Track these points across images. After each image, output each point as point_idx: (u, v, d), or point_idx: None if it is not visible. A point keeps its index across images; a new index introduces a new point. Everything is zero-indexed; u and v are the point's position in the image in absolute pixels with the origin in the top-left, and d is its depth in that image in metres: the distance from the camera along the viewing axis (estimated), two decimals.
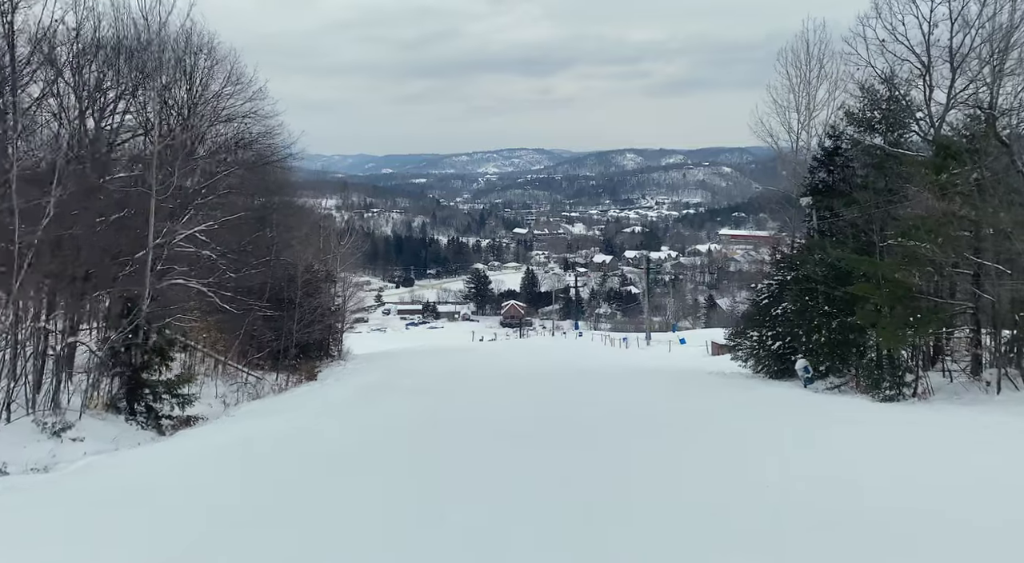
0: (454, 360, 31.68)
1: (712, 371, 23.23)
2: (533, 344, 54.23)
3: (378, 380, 22.43)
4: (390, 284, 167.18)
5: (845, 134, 18.79)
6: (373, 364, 31.75)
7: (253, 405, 17.93)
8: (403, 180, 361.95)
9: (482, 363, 29.86)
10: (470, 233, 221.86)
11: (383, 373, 25.59)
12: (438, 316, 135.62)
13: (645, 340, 45.48)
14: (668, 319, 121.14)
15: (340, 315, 37.42)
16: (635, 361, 30.60)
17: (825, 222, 18.99)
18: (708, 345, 34.55)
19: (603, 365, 27.26)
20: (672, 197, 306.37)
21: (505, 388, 18.33)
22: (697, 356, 33.55)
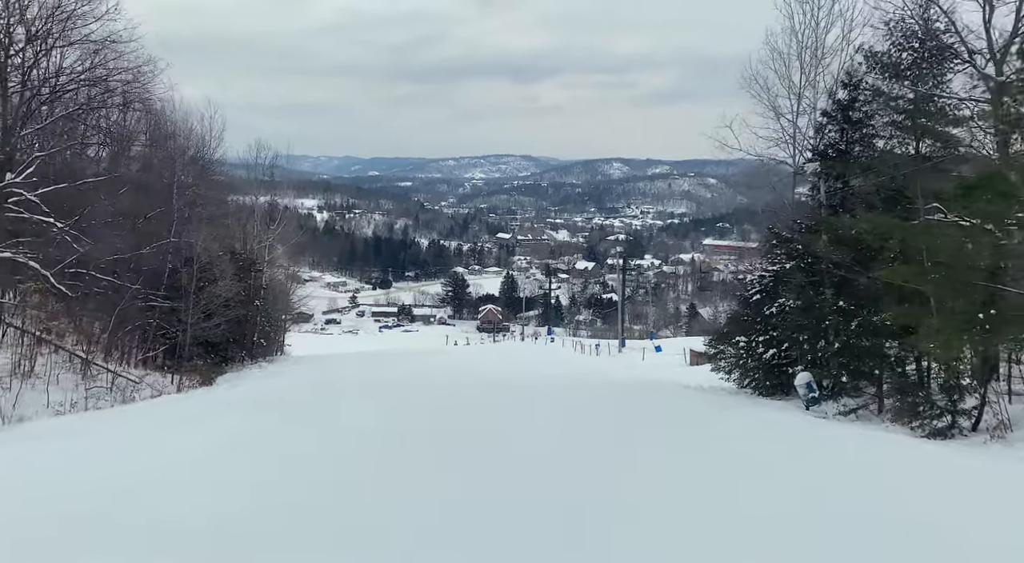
0: (400, 367, 26.90)
1: (689, 385, 18.68)
2: (501, 349, 49.46)
3: (270, 392, 17.68)
4: (367, 285, 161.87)
5: (864, 83, 14.32)
6: (299, 369, 26.92)
7: (62, 421, 13.11)
8: (389, 183, 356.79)
9: (427, 370, 25.21)
10: (453, 237, 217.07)
11: (290, 383, 20.87)
12: (413, 319, 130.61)
13: (618, 347, 41.06)
14: (648, 327, 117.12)
15: (264, 309, 32.47)
16: (601, 370, 26.00)
17: (836, 193, 14.53)
18: (686, 354, 30.06)
19: (561, 374, 22.64)
20: (657, 207, 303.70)
21: (423, 404, 13.74)
22: (673, 366, 29.07)
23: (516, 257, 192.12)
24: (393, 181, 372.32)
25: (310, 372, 24.14)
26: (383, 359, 32.03)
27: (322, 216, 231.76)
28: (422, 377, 20.33)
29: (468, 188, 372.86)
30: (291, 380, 20.90)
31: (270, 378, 22.31)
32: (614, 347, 42.15)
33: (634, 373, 25.55)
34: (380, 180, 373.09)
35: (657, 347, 34.06)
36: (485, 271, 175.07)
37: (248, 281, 28.73)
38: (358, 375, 22.42)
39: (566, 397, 14.96)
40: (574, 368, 25.92)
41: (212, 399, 16.08)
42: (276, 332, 42.97)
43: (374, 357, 33.77)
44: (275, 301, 43.40)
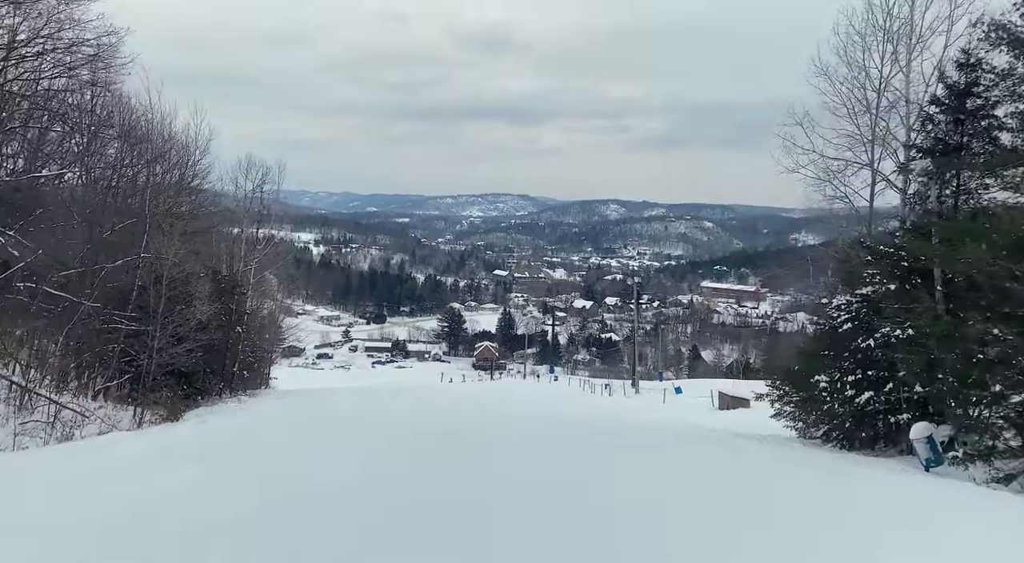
0: (395, 404, 23.64)
1: (739, 433, 15.57)
2: (503, 387, 46.02)
3: (237, 432, 14.47)
4: (361, 320, 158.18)
5: (985, 64, 11.59)
6: (281, 405, 23.59)
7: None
8: (386, 219, 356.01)
9: (426, 409, 22.00)
10: (449, 273, 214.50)
11: (265, 421, 17.67)
12: (407, 355, 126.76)
13: (632, 387, 37.76)
14: (650, 368, 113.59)
15: (248, 338, 29.27)
16: (622, 412, 22.77)
17: (946, 199, 11.66)
18: (713, 396, 26.86)
19: (581, 418, 19.43)
20: (654, 248, 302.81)
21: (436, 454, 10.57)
22: (698, 409, 25.87)
23: (513, 294, 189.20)
24: (391, 217, 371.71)
25: (292, 409, 20.87)
26: (376, 395, 28.73)
27: (318, 250, 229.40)
28: (422, 417, 17.13)
29: (465, 225, 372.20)
30: (268, 417, 17.69)
31: (246, 414, 19.03)
32: (626, 387, 38.93)
33: (661, 417, 22.36)
34: (378, 216, 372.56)
35: (677, 388, 30.95)
36: (482, 307, 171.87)
37: (229, 304, 25.59)
38: (346, 412, 19.21)
39: (599, 448, 11.81)
40: (591, 410, 22.76)
41: (167, 439, 12.86)
42: (261, 364, 39.68)
43: (365, 393, 30.43)
44: (261, 331, 40.24)
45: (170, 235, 19.89)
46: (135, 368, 20.55)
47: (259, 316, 38.67)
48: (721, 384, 31.06)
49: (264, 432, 14.13)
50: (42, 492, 7.45)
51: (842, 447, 13.12)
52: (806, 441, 14.64)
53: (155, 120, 22.33)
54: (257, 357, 35.29)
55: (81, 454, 11.44)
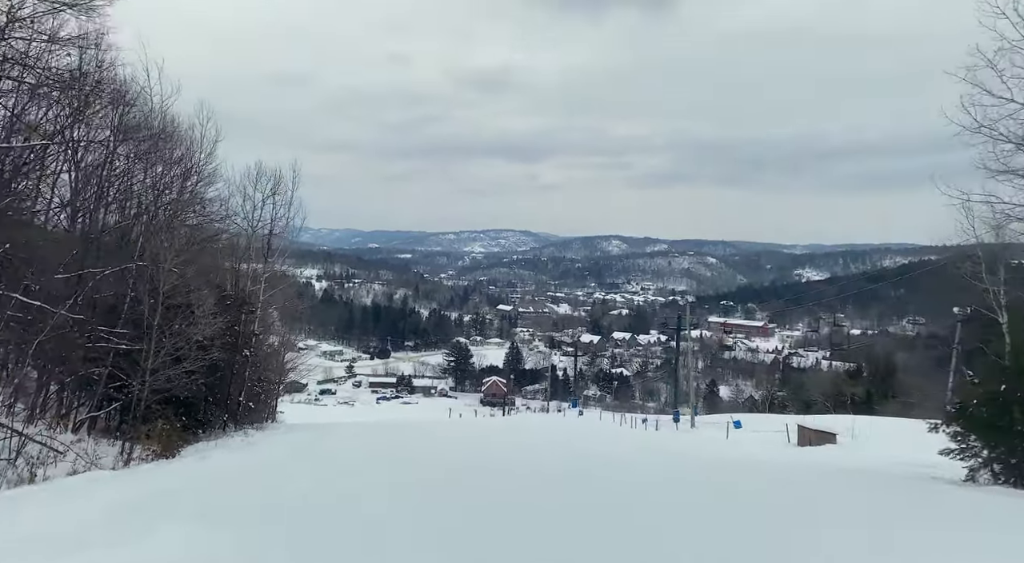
0: (415, 441, 20.20)
1: (907, 475, 12.19)
2: (528, 423, 42.07)
3: (247, 475, 11.10)
4: (364, 355, 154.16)
5: None
6: (292, 439, 20.17)
7: None
8: (389, 254, 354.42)
9: (454, 447, 18.60)
10: (453, 308, 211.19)
11: (278, 458, 14.30)
12: (413, 390, 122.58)
13: (675, 421, 34.12)
14: (664, 404, 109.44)
15: (256, 364, 25.96)
16: (699, 449, 19.35)
17: None
18: (788, 431, 23.43)
19: (657, 457, 16.03)
20: (657, 283, 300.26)
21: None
22: (775, 445, 22.45)
23: (518, 328, 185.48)
24: (393, 253, 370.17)
25: (307, 446, 17.46)
26: (388, 431, 25.24)
27: (321, 285, 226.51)
28: (472, 459, 13.74)
29: (468, 261, 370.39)
30: (282, 455, 14.33)
31: (254, 451, 15.63)
32: (665, 422, 35.36)
33: (742, 454, 18.92)
34: (380, 252, 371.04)
35: (736, 422, 27.47)
36: (487, 342, 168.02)
37: (236, 324, 22.30)
38: (365, 450, 15.83)
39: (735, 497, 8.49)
40: (655, 447, 19.34)
41: (159, 481, 9.55)
42: (268, 396, 36.24)
43: (378, 429, 26.91)
44: (267, 360, 36.90)
45: (170, 239, 16.74)
46: (125, 394, 17.24)
47: (265, 344, 35.36)
48: (798, 419, 27.63)
49: (280, 473, 10.78)
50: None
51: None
52: (988, 482, 11.29)
53: (155, 102, 19.32)
54: (264, 388, 31.85)
55: (33, 503, 8.12)
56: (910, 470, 12.49)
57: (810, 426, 22.16)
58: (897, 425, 24.90)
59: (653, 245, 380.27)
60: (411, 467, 11.58)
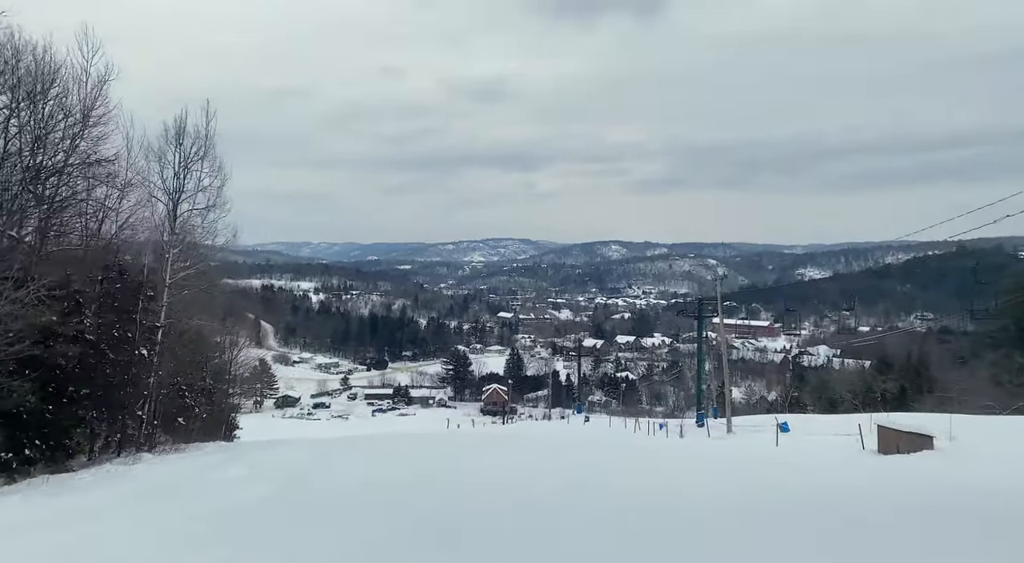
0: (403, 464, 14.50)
1: None
2: (528, 433, 36.06)
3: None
4: (360, 366, 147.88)
5: None
6: (178, 470, 14.50)
7: None
8: (388, 266, 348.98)
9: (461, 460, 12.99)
10: (452, 316, 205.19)
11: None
12: (410, 401, 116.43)
13: (700, 424, 28.33)
14: (671, 409, 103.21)
15: (179, 370, 20.21)
16: (768, 466, 13.62)
17: None
18: (863, 434, 17.68)
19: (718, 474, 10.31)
20: (659, 287, 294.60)
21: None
22: (846, 452, 16.72)
23: (519, 335, 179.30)
24: (392, 265, 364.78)
25: (188, 478, 11.76)
26: (369, 446, 19.52)
27: (318, 297, 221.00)
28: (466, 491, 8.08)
29: (467, 270, 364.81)
30: (98, 503, 8.68)
31: (101, 492, 9.98)
32: (688, 426, 29.57)
33: (814, 466, 13.22)
34: (379, 264, 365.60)
35: (784, 425, 21.80)
36: (487, 350, 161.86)
37: (130, 311, 16.60)
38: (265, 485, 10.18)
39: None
40: (701, 463, 13.70)
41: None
42: (217, 411, 30.39)
43: (356, 444, 21.20)
44: (214, 372, 31.12)
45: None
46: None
47: (208, 351, 29.62)
48: (869, 419, 21.86)
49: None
50: None
51: None
52: None
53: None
54: (203, 400, 26.08)
55: None
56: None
57: (896, 427, 16.35)
58: (998, 425, 19.14)
59: (653, 249, 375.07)
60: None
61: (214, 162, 20.53)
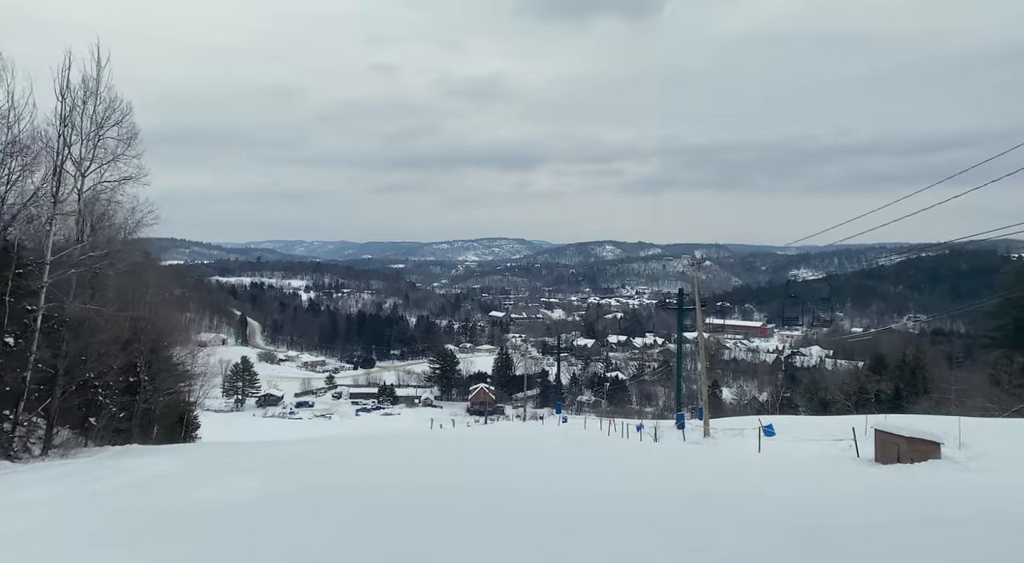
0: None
1: None
2: (500, 434, 33.56)
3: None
4: (347, 365, 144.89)
5: None
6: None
7: None
8: (381, 265, 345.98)
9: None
10: (444, 315, 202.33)
11: None
12: (396, 401, 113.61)
13: (680, 426, 25.67)
14: (661, 409, 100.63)
15: (59, 353, 17.44)
16: (738, 478, 10.96)
17: None
18: (856, 437, 15.07)
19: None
20: (652, 287, 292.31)
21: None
22: (841, 461, 14.10)
23: (510, 335, 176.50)
24: (386, 263, 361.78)
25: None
26: (327, 449, 16.85)
27: (308, 296, 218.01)
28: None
29: (461, 270, 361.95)
30: None
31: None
32: (665, 428, 27.00)
33: (803, 482, 10.62)
34: (373, 263, 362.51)
35: (768, 428, 19.24)
36: (478, 349, 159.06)
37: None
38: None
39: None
40: (670, 472, 11.12)
41: None
42: (156, 407, 27.56)
43: (314, 446, 18.57)
44: (163, 366, 28.35)
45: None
46: None
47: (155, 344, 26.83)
48: (869, 421, 19.29)
49: None
50: None
51: None
52: None
53: None
54: (141, 398, 23.32)
55: None
56: None
57: (896, 431, 13.73)
58: (1009, 428, 16.60)
59: (647, 249, 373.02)
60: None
61: (117, 122, 17.82)
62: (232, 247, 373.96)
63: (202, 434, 39.72)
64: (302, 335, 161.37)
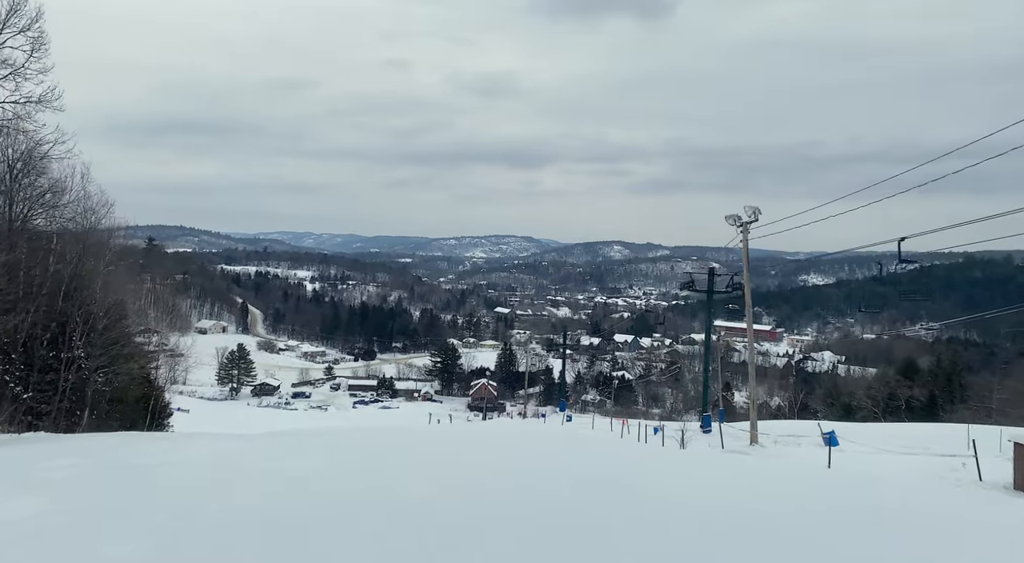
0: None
1: None
2: (496, 431, 29.57)
3: None
4: (348, 356, 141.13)
5: None
6: None
7: None
8: (389, 259, 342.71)
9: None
10: (449, 310, 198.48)
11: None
12: (395, 394, 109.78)
13: (706, 429, 21.44)
14: (669, 411, 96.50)
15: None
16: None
17: None
18: (979, 455, 10.88)
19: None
20: (660, 288, 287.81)
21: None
22: (948, 481, 9.98)
23: (515, 331, 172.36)
24: (393, 257, 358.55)
25: None
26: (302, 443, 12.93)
27: (313, 286, 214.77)
28: None
29: (468, 266, 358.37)
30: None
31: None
32: (686, 432, 22.87)
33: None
34: (380, 256, 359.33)
35: (830, 436, 15.23)
36: (481, 344, 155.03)
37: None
38: None
39: None
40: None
41: None
42: (91, 388, 23.67)
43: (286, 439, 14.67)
44: (101, 341, 24.43)
45: None
46: None
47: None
48: (913, 429, 15.15)
49: None
50: None
51: None
52: None
53: None
54: (87, 375, 19.44)
55: None
56: None
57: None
58: None
59: (655, 250, 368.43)
60: None
61: (24, 29, 13.92)
62: (241, 237, 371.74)
63: (177, 423, 35.96)
64: (304, 325, 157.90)
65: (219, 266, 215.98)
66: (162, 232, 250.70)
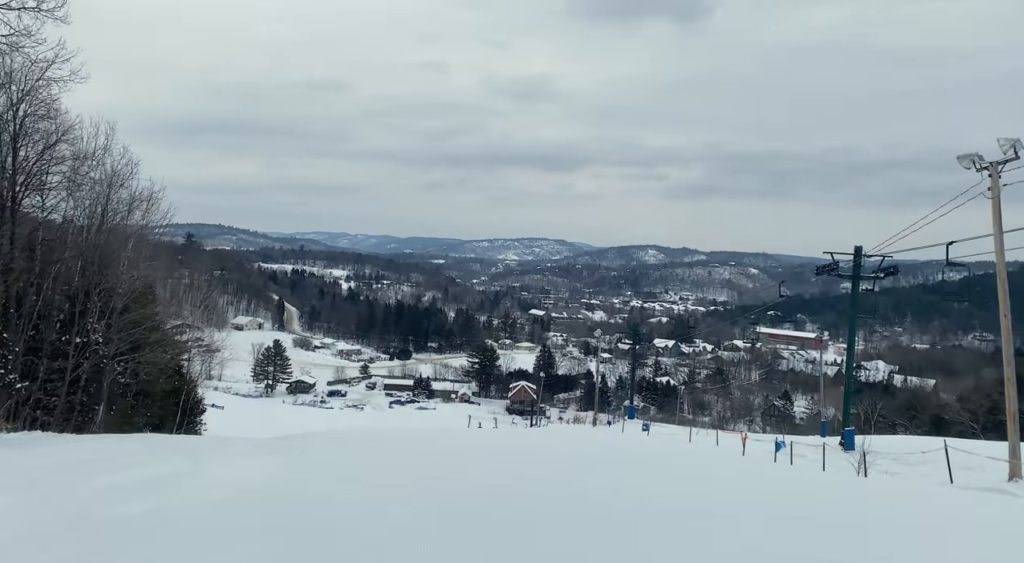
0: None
1: None
2: (568, 443, 24.74)
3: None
4: (383, 355, 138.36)
5: None
6: None
7: None
8: (422, 260, 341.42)
9: None
10: (483, 311, 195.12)
11: None
12: (432, 394, 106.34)
13: (846, 446, 17.01)
14: (715, 419, 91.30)
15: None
16: None
17: None
18: None
19: None
20: (697, 293, 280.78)
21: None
22: None
23: (551, 333, 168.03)
24: (427, 258, 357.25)
25: None
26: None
27: (348, 285, 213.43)
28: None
29: (501, 268, 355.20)
30: None
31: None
32: (831, 449, 18.47)
33: None
34: (414, 257, 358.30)
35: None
36: (517, 346, 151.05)
37: None
38: None
39: None
40: None
41: None
42: (107, 379, 20.24)
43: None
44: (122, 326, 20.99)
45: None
46: None
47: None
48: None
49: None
50: None
51: None
52: None
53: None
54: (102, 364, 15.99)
55: None
56: None
57: None
58: None
59: (691, 255, 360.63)
60: None
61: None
62: (278, 236, 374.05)
63: (210, 420, 32.70)
64: (339, 323, 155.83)
65: (256, 263, 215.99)
66: (201, 230, 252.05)
